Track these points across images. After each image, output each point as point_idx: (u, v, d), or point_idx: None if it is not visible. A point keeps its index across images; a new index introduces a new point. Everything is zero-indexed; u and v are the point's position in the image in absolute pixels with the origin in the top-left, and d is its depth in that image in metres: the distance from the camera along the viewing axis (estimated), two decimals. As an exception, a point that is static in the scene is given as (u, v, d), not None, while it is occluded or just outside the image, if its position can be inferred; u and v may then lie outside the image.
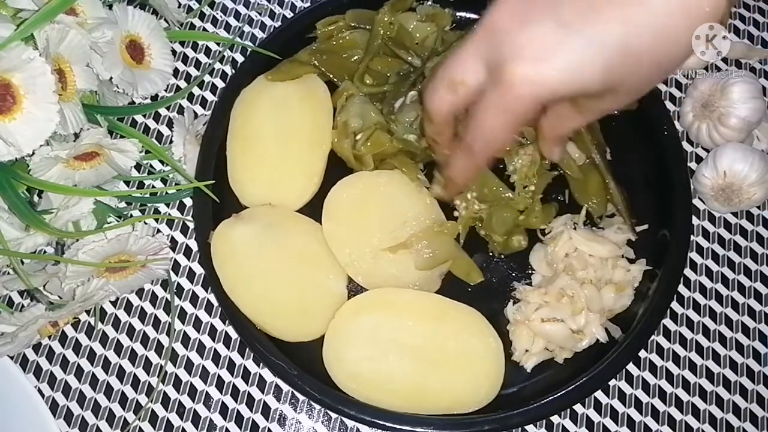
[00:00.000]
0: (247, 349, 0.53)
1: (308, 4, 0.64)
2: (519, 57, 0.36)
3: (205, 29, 0.63)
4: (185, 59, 0.62)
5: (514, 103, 0.37)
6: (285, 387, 0.52)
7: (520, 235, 0.53)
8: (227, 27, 0.63)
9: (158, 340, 0.53)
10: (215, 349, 0.53)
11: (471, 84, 0.40)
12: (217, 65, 0.62)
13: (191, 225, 0.56)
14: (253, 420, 0.51)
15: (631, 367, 0.52)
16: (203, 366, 0.53)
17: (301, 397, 0.52)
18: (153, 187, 0.58)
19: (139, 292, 0.55)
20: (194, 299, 0.55)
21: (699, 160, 0.57)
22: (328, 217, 0.53)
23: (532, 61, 0.36)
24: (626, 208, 0.53)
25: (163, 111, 0.60)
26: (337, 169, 0.55)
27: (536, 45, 0.36)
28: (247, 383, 0.52)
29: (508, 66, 0.36)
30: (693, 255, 0.55)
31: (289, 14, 0.64)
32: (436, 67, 0.45)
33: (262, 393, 0.52)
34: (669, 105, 0.59)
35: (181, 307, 0.54)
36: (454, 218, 0.54)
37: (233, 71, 0.61)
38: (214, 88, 0.61)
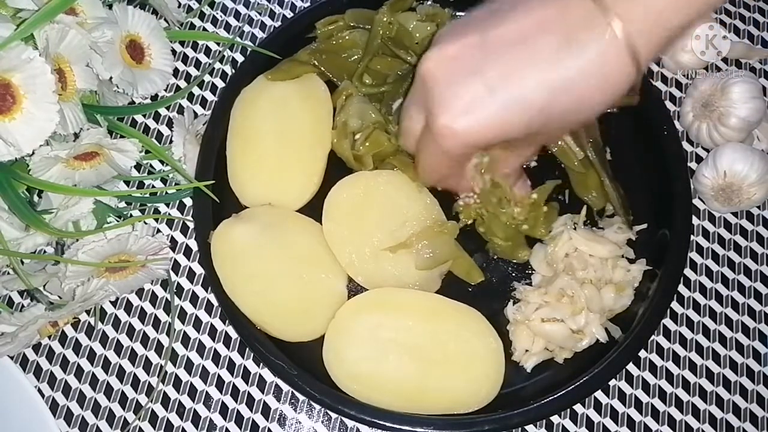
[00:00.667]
0: (247, 349, 0.53)
1: (308, 3, 0.64)
2: (444, 110, 0.39)
3: (205, 29, 0.63)
4: (185, 59, 0.62)
5: (442, 150, 0.41)
6: (285, 387, 0.52)
7: (524, 250, 0.53)
8: (227, 27, 0.63)
9: (158, 340, 0.53)
10: (215, 349, 0.53)
11: (417, 130, 0.44)
12: (217, 65, 0.62)
13: (191, 225, 0.56)
14: (253, 420, 0.52)
15: (631, 367, 0.52)
16: (203, 366, 0.53)
17: (301, 397, 0.52)
18: (153, 187, 0.58)
19: (139, 292, 0.55)
20: (194, 299, 0.55)
21: (699, 160, 0.57)
22: (328, 217, 0.53)
23: (455, 116, 0.39)
24: (622, 206, 0.53)
25: (163, 111, 0.60)
26: (337, 169, 0.55)
27: (460, 101, 0.39)
28: (247, 383, 0.52)
29: (434, 117, 0.40)
30: (693, 255, 0.55)
31: (289, 14, 0.64)
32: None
33: (262, 393, 0.52)
34: (669, 105, 0.59)
35: (181, 307, 0.54)
36: (454, 218, 0.54)
37: (233, 71, 0.61)
38: (214, 88, 0.61)
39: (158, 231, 0.57)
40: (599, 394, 0.51)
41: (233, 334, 0.53)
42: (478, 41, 0.39)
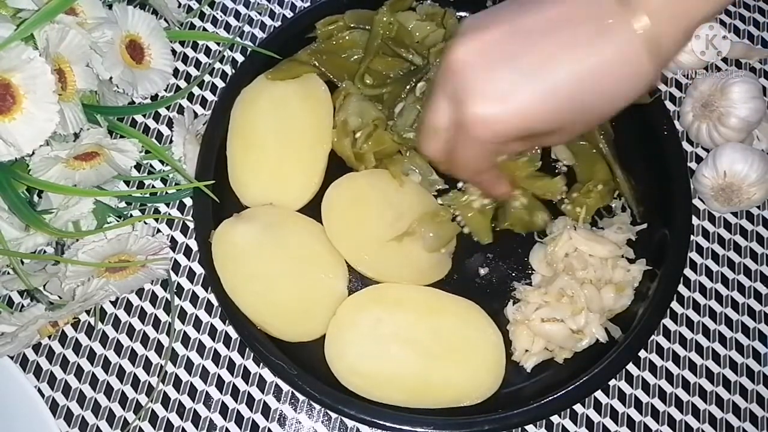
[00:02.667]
0: (247, 349, 0.53)
1: (308, 3, 0.64)
2: (477, 99, 0.39)
3: (205, 29, 0.63)
4: (185, 59, 0.62)
5: (476, 141, 0.41)
6: (285, 387, 0.52)
7: (542, 212, 0.53)
8: (227, 27, 0.63)
9: (158, 340, 0.53)
10: (215, 349, 0.53)
11: (446, 127, 0.43)
12: (217, 65, 0.62)
13: (191, 225, 0.56)
14: (253, 420, 0.52)
15: (631, 367, 0.52)
16: (203, 366, 0.53)
17: (301, 397, 0.52)
18: (153, 187, 0.58)
19: (139, 292, 0.55)
20: (194, 299, 0.55)
21: (699, 160, 0.57)
22: (328, 220, 0.53)
23: (490, 103, 0.39)
24: (633, 197, 0.53)
25: (163, 111, 0.60)
26: (337, 168, 0.55)
27: (494, 88, 0.39)
28: (247, 383, 0.52)
29: (467, 107, 0.39)
30: (693, 255, 0.55)
31: (289, 14, 0.64)
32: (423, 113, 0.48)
33: (262, 393, 0.52)
34: (669, 105, 0.59)
35: (181, 307, 0.54)
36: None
37: (233, 71, 0.61)
38: (214, 88, 0.61)
39: (158, 231, 0.57)
40: (599, 394, 0.51)
41: (233, 334, 0.53)
42: (509, 30, 0.39)
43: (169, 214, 0.57)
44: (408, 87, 0.55)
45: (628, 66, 0.37)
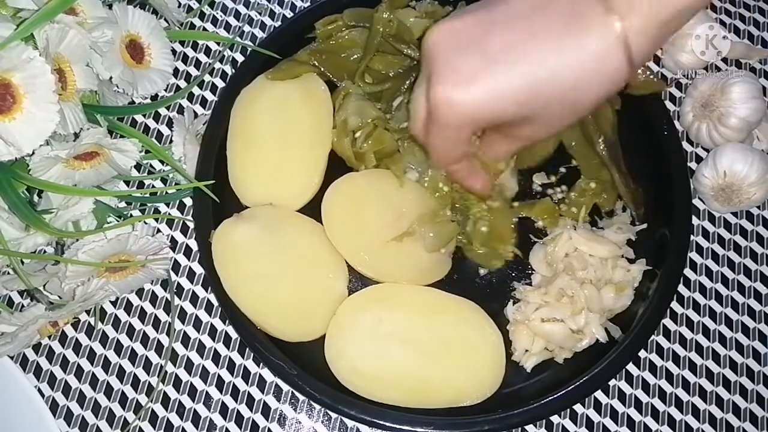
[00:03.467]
0: (247, 349, 0.53)
1: (308, 3, 0.64)
2: (442, 80, 0.39)
3: (205, 29, 0.63)
4: (185, 59, 0.62)
5: (442, 125, 0.40)
6: (285, 387, 0.52)
7: (498, 260, 0.54)
8: (227, 27, 0.63)
9: (158, 340, 0.53)
10: (215, 349, 0.53)
11: (423, 110, 0.42)
12: (217, 65, 0.62)
13: (191, 225, 0.56)
14: (253, 420, 0.52)
15: (631, 367, 0.52)
16: (203, 366, 0.53)
17: (301, 397, 0.52)
18: (153, 187, 0.58)
19: (139, 292, 0.55)
20: (194, 299, 0.55)
21: (699, 160, 0.57)
22: (328, 221, 0.53)
23: (452, 86, 0.38)
24: (632, 199, 0.53)
25: (163, 111, 0.60)
26: (337, 168, 0.55)
27: (459, 71, 0.38)
28: (247, 383, 0.52)
29: (432, 88, 0.39)
30: (693, 255, 0.55)
31: (289, 14, 0.64)
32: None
33: (262, 393, 0.52)
34: (669, 105, 0.59)
35: (181, 307, 0.54)
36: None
37: (233, 71, 0.61)
38: (214, 88, 0.61)
39: (158, 231, 0.57)
40: (599, 394, 0.51)
41: (233, 334, 0.53)
42: (483, 15, 0.39)
43: (169, 214, 0.57)
44: (408, 82, 0.55)
45: (600, 60, 0.36)
